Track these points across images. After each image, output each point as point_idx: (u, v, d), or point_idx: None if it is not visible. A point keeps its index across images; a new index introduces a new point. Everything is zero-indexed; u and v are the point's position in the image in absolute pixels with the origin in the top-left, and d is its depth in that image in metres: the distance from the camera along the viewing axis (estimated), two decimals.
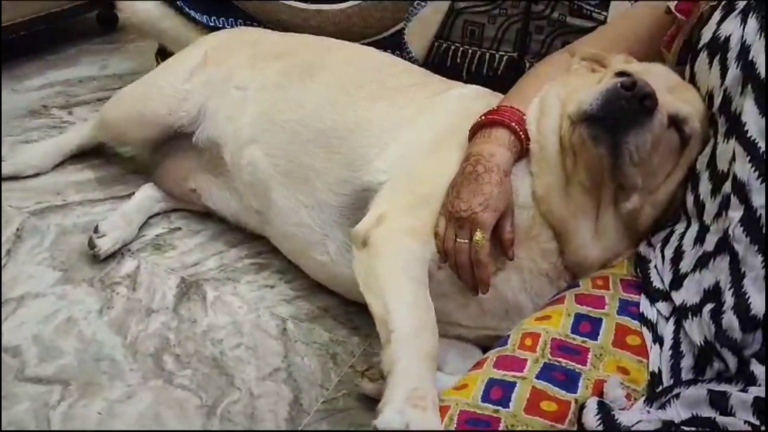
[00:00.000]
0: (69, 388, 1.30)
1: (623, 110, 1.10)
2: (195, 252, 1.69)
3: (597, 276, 1.21)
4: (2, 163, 1.85)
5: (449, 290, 1.28)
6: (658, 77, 1.20)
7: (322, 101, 1.53)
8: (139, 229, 1.73)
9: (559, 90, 1.28)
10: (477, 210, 1.19)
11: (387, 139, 1.42)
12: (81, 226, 1.72)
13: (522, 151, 1.27)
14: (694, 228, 1.13)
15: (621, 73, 1.21)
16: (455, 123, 1.37)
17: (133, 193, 1.80)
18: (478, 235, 1.18)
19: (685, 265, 1.11)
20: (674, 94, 1.18)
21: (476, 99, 1.47)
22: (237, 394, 1.33)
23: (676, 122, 1.15)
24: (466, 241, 1.20)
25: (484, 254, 1.19)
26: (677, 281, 1.10)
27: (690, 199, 1.16)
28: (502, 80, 1.90)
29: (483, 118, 1.29)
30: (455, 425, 0.97)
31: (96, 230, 1.63)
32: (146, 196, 1.79)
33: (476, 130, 1.30)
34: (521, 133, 1.26)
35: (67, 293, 1.51)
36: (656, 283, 1.14)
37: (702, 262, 1.07)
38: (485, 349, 1.23)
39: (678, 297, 1.09)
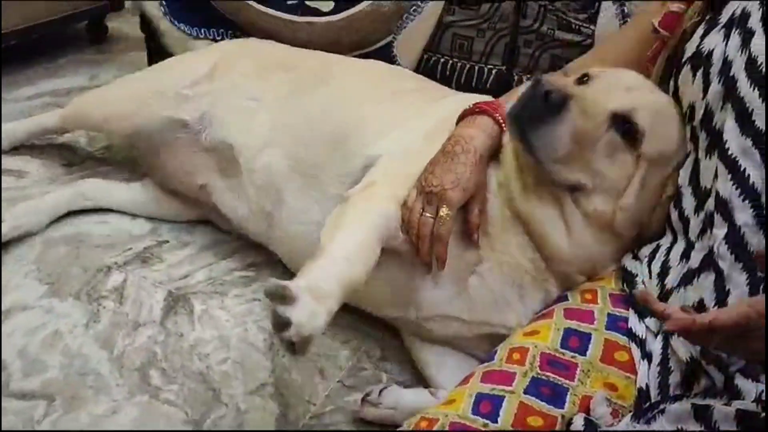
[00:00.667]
0: (54, 403, 1.29)
1: (531, 108, 1.15)
2: (183, 265, 1.68)
3: (586, 289, 1.21)
4: None
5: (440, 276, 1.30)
6: (618, 78, 1.23)
7: (332, 104, 1.58)
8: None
9: None
10: (447, 187, 1.23)
11: (388, 130, 1.46)
12: (68, 238, 1.71)
13: (500, 137, 1.31)
14: (681, 244, 1.14)
15: (583, 76, 1.25)
16: (451, 118, 1.40)
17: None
18: (443, 211, 1.23)
19: (671, 280, 1.11)
20: (631, 93, 1.19)
21: (474, 100, 1.49)
22: (224, 409, 1.32)
23: (622, 119, 1.16)
24: (432, 215, 1.24)
25: (446, 230, 1.23)
26: (664, 297, 1.11)
27: (674, 214, 1.16)
28: (490, 93, 1.89)
29: (470, 106, 1.35)
30: None
31: None
32: (75, 191, 1.81)
33: (463, 117, 1.35)
34: (501, 120, 1.30)
35: (54, 306, 1.50)
36: None
37: (687, 279, 1.08)
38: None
39: None
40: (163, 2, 2.17)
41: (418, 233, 1.25)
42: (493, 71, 1.93)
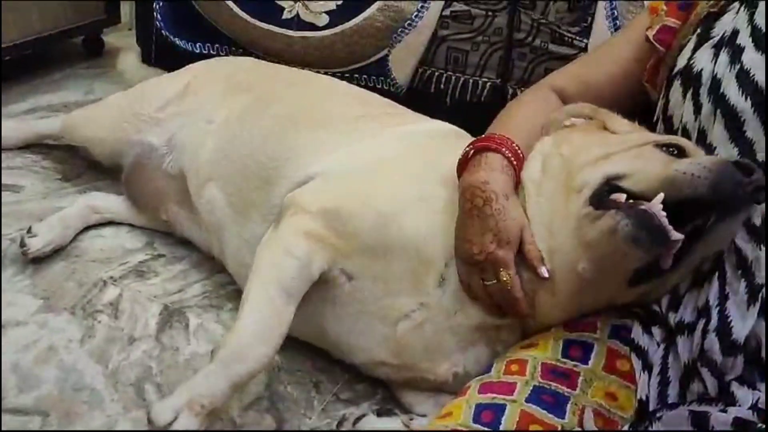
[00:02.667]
0: (48, 419, 1.28)
1: (734, 194, 0.97)
2: (178, 279, 1.68)
3: None
4: None
5: (364, 310, 1.25)
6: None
7: (269, 133, 1.48)
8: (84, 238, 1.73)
9: (562, 148, 1.19)
10: (491, 250, 1.11)
11: (320, 161, 1.36)
12: (64, 253, 1.70)
13: (516, 177, 1.18)
14: None
15: (669, 146, 1.09)
16: (399, 154, 1.33)
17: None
18: (503, 276, 1.11)
19: (683, 285, 1.11)
20: None
21: (432, 138, 1.42)
22: (219, 424, 1.31)
23: None
24: (495, 281, 1.12)
25: (517, 291, 1.11)
26: (675, 302, 1.11)
27: None
28: (485, 106, 1.93)
29: (469, 147, 1.21)
30: None
31: (29, 230, 1.64)
32: (86, 204, 1.80)
33: (464, 163, 1.21)
34: (514, 159, 1.17)
35: (48, 321, 1.49)
36: (653, 305, 1.14)
37: (700, 282, 1.08)
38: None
39: (676, 317, 1.09)
40: (159, 17, 2.18)
41: (495, 302, 1.15)
42: (488, 84, 1.94)
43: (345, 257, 1.23)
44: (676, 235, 0.96)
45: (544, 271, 1.11)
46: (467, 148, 1.22)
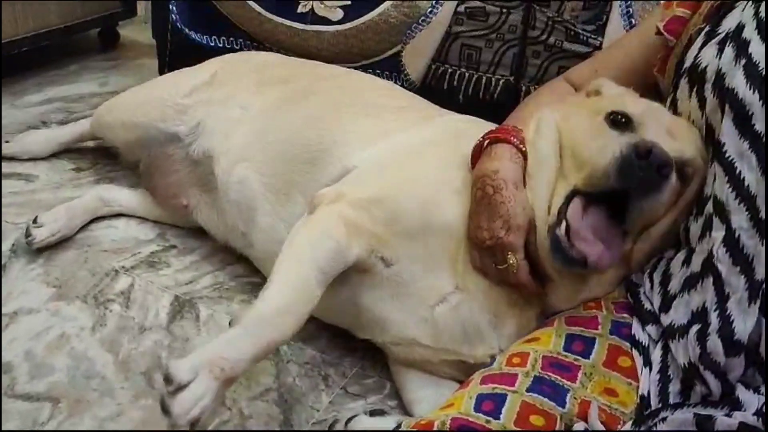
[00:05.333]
0: (59, 406, 1.29)
1: (639, 179, 1.06)
2: (189, 270, 1.69)
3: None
4: (3, 144, 2.00)
5: (403, 292, 1.26)
6: (659, 120, 1.17)
7: (310, 119, 1.53)
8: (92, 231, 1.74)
9: (556, 115, 1.26)
10: (500, 234, 1.16)
11: (367, 144, 1.41)
12: (76, 242, 1.72)
13: (525, 164, 1.24)
14: (682, 253, 1.14)
15: (617, 114, 1.17)
16: (438, 136, 1.38)
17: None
18: (511, 259, 1.16)
19: (674, 286, 1.11)
20: (674, 134, 1.15)
21: (466, 122, 1.48)
22: (227, 414, 1.32)
23: (679, 166, 1.12)
24: (505, 266, 1.17)
25: (524, 274, 1.17)
26: (666, 303, 1.11)
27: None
28: (498, 104, 1.92)
29: (482, 139, 1.28)
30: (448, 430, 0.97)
31: (35, 220, 1.66)
32: (97, 196, 1.81)
33: (477, 153, 1.28)
34: (522, 147, 1.24)
35: (60, 310, 1.51)
36: (647, 305, 1.14)
37: (690, 284, 1.08)
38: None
39: (666, 319, 1.09)
40: (175, 11, 2.20)
41: (507, 283, 1.20)
42: (501, 81, 1.93)
43: (383, 244, 1.24)
44: (579, 253, 1.08)
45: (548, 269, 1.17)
46: (480, 139, 1.28)
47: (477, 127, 1.39)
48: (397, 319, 1.28)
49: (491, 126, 1.43)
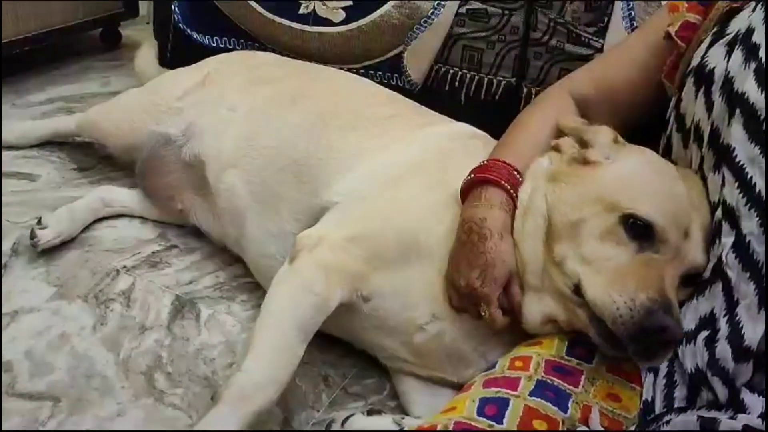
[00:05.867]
0: (59, 405, 1.29)
1: (644, 345, 1.02)
2: (190, 270, 1.69)
3: None
4: None
5: (382, 324, 1.28)
6: (679, 224, 1.08)
7: (298, 129, 1.51)
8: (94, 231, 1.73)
9: (548, 191, 1.19)
10: (476, 285, 1.15)
11: (352, 167, 1.39)
12: (78, 242, 1.72)
13: (514, 207, 1.21)
14: None
15: (637, 221, 1.07)
16: (420, 157, 1.35)
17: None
18: (483, 310, 1.16)
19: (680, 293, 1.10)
20: (690, 234, 1.09)
21: (450, 139, 1.43)
22: None
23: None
24: (481, 313, 1.17)
25: (499, 324, 1.16)
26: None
27: None
28: (499, 105, 1.93)
29: (473, 176, 1.24)
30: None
31: (39, 222, 1.66)
32: (98, 197, 1.81)
33: (467, 190, 1.24)
34: (513, 191, 1.21)
35: (61, 309, 1.51)
36: None
37: (699, 290, 1.07)
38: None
39: None
40: (176, 10, 2.20)
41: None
42: (503, 83, 1.94)
43: (364, 280, 1.24)
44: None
45: (519, 317, 1.17)
46: (469, 176, 1.24)
47: (461, 145, 1.38)
48: (385, 344, 1.31)
49: (478, 137, 1.42)
